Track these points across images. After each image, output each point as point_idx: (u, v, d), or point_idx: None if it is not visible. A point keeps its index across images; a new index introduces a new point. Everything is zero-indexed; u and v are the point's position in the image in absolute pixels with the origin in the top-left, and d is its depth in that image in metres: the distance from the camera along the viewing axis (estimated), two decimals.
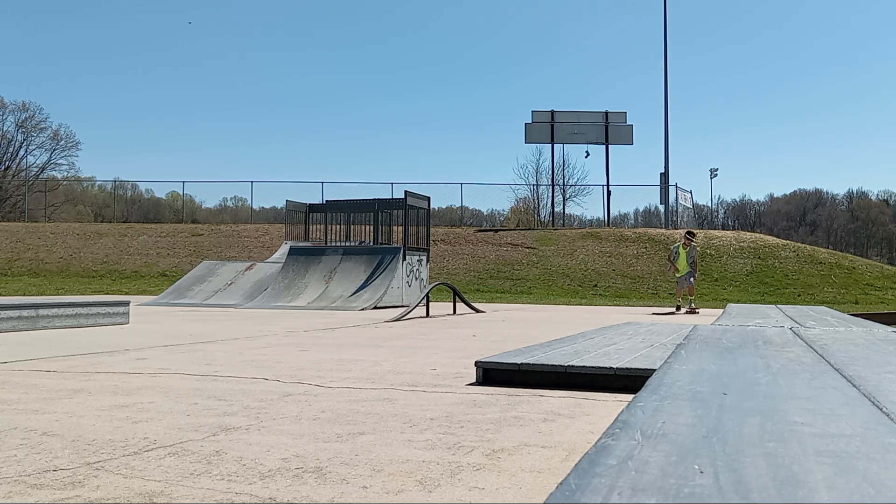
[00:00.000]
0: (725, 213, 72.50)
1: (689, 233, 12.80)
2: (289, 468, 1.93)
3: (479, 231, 26.78)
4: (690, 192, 31.19)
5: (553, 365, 3.43)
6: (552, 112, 29.08)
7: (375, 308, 11.99)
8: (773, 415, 1.32)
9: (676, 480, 0.84)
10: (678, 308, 12.67)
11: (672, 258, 12.69)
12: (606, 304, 16.40)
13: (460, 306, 11.58)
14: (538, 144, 33.40)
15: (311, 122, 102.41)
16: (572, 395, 3.20)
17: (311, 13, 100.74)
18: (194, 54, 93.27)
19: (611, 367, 3.33)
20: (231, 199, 45.75)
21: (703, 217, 51.39)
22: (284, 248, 15.84)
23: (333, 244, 15.73)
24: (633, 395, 1.62)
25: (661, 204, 29.19)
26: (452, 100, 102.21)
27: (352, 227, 16.46)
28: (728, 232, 27.82)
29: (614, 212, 31.76)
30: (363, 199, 16.55)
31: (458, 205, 30.98)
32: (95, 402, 2.97)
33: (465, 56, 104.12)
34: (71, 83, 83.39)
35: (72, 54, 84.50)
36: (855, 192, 75.87)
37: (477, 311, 11.49)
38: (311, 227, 16.74)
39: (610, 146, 28.97)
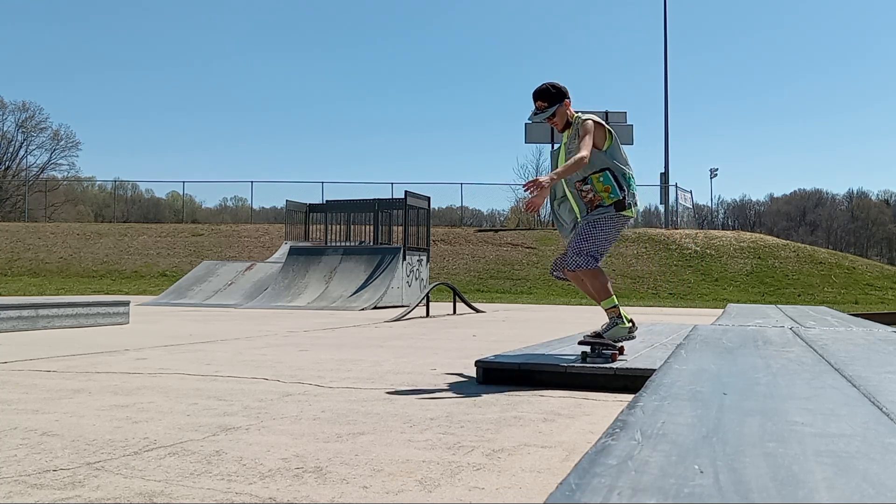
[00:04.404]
0: (725, 213, 72.50)
1: (541, 92, 3.80)
2: (289, 468, 1.93)
3: (479, 231, 26.80)
4: (690, 192, 31.21)
5: (553, 365, 3.43)
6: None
7: (375, 308, 11.99)
8: (773, 415, 1.32)
9: (676, 480, 0.84)
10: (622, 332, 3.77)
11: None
12: None
13: (460, 306, 11.57)
14: (538, 144, 33.44)
15: (312, 122, 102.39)
16: (572, 395, 3.20)
17: (311, 13, 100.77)
18: (195, 54, 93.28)
19: (611, 368, 3.33)
20: (231, 199, 45.77)
21: (703, 217, 51.40)
22: (284, 248, 15.84)
23: (333, 244, 15.73)
24: (633, 395, 1.63)
25: (660, 204, 29.22)
26: (452, 100, 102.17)
27: (352, 227, 16.46)
28: (728, 232, 27.84)
29: None
30: (363, 199, 16.56)
31: (458, 205, 31.01)
32: (95, 402, 2.97)
33: (465, 56, 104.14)
34: (71, 83, 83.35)
35: (72, 54, 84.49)
36: (855, 192, 75.89)
37: (477, 311, 11.49)
38: (311, 227, 16.75)
39: None
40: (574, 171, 3.61)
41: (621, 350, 3.77)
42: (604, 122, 3.79)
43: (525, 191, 3.44)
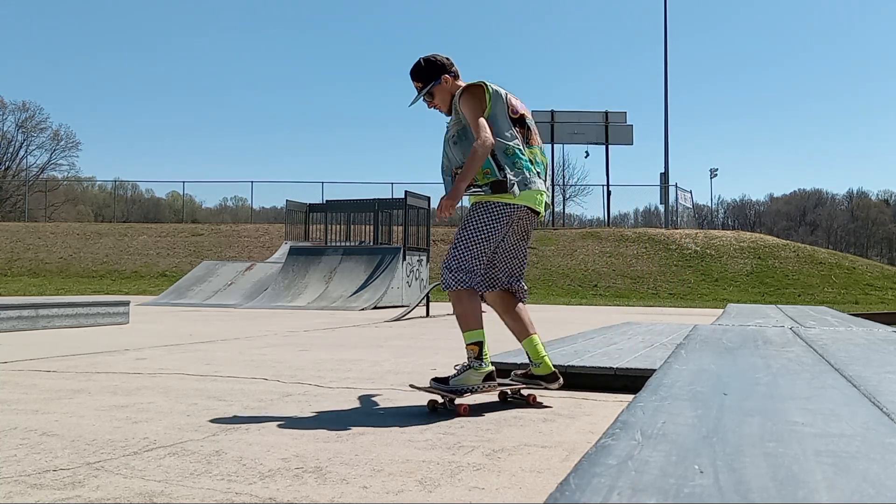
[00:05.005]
0: (725, 213, 72.51)
1: (414, 70, 3.13)
2: (289, 468, 1.93)
3: None
4: (690, 192, 31.22)
5: (553, 365, 3.42)
6: (552, 112, 29.12)
7: (375, 308, 11.99)
8: (773, 415, 1.32)
9: (676, 480, 0.84)
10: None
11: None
12: (606, 304, 16.40)
13: None
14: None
15: (312, 121, 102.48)
16: (572, 395, 3.20)
17: (312, 14, 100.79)
18: (194, 54, 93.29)
19: (611, 367, 3.33)
20: (231, 199, 45.88)
21: (703, 217, 51.40)
22: (284, 248, 15.85)
23: (333, 244, 15.73)
24: (633, 395, 1.63)
25: (661, 204, 29.23)
26: None
27: (352, 227, 16.47)
28: (728, 232, 27.83)
29: (614, 212, 31.83)
30: (363, 199, 16.56)
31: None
32: (95, 402, 2.97)
33: (464, 56, 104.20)
34: (71, 83, 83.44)
35: (72, 54, 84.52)
36: (855, 192, 75.94)
37: None
38: (311, 227, 16.76)
39: (610, 146, 29.02)
40: (479, 166, 2.83)
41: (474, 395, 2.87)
42: (484, 84, 2.97)
43: (440, 219, 2.92)
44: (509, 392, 3.05)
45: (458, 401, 2.77)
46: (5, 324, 6.48)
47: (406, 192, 14.38)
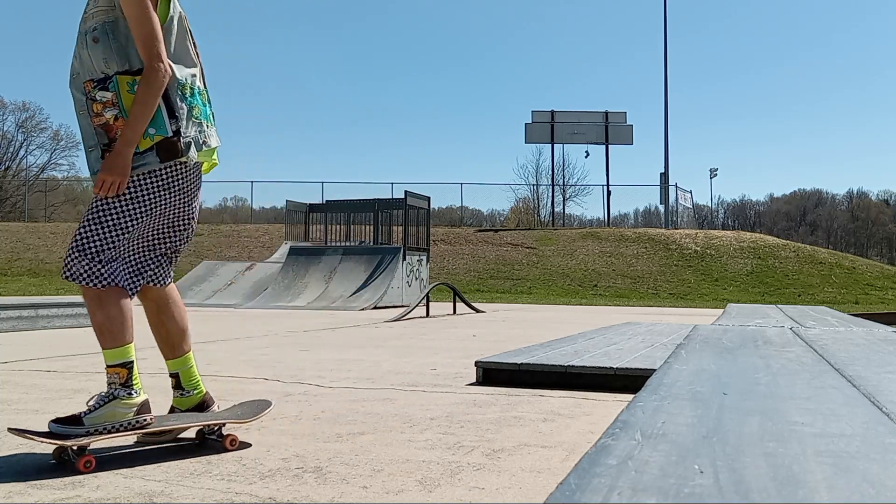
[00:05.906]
0: (725, 213, 72.48)
1: None
2: (289, 468, 1.93)
3: (479, 231, 26.79)
4: (690, 192, 31.23)
5: (553, 365, 3.43)
6: (552, 112, 29.13)
7: (375, 308, 11.99)
8: (773, 415, 1.32)
9: (676, 480, 0.84)
10: None
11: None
12: (606, 304, 16.40)
13: (460, 306, 11.57)
14: (538, 144, 33.45)
15: (312, 121, 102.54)
16: (572, 395, 3.20)
17: (311, 14, 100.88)
18: None
19: (611, 367, 3.33)
20: (231, 199, 45.85)
21: (703, 217, 51.38)
22: (284, 248, 15.84)
23: (333, 244, 15.73)
24: (633, 395, 1.63)
25: (661, 204, 29.23)
26: (452, 100, 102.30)
27: (352, 227, 16.47)
28: (728, 232, 27.83)
29: (614, 212, 31.81)
30: (363, 199, 16.57)
31: (458, 205, 31.03)
32: None
33: (464, 56, 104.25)
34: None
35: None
36: (855, 192, 75.92)
37: (477, 311, 11.49)
38: (311, 227, 16.75)
39: (610, 146, 29.04)
40: (153, 109, 1.98)
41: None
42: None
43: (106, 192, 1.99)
44: (205, 430, 2.21)
45: (93, 445, 1.95)
46: (5, 324, 6.48)
47: (406, 192, 14.39)
